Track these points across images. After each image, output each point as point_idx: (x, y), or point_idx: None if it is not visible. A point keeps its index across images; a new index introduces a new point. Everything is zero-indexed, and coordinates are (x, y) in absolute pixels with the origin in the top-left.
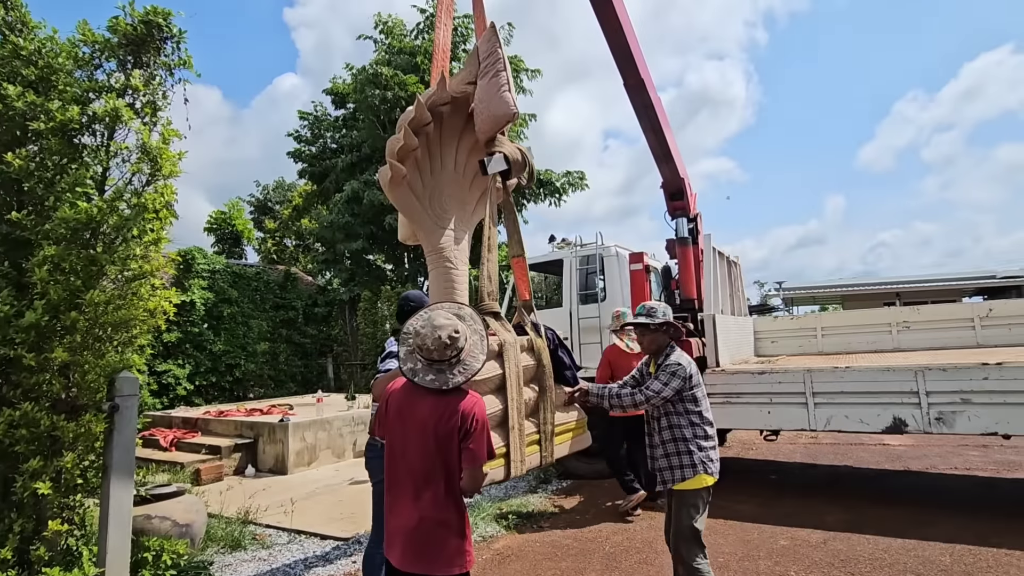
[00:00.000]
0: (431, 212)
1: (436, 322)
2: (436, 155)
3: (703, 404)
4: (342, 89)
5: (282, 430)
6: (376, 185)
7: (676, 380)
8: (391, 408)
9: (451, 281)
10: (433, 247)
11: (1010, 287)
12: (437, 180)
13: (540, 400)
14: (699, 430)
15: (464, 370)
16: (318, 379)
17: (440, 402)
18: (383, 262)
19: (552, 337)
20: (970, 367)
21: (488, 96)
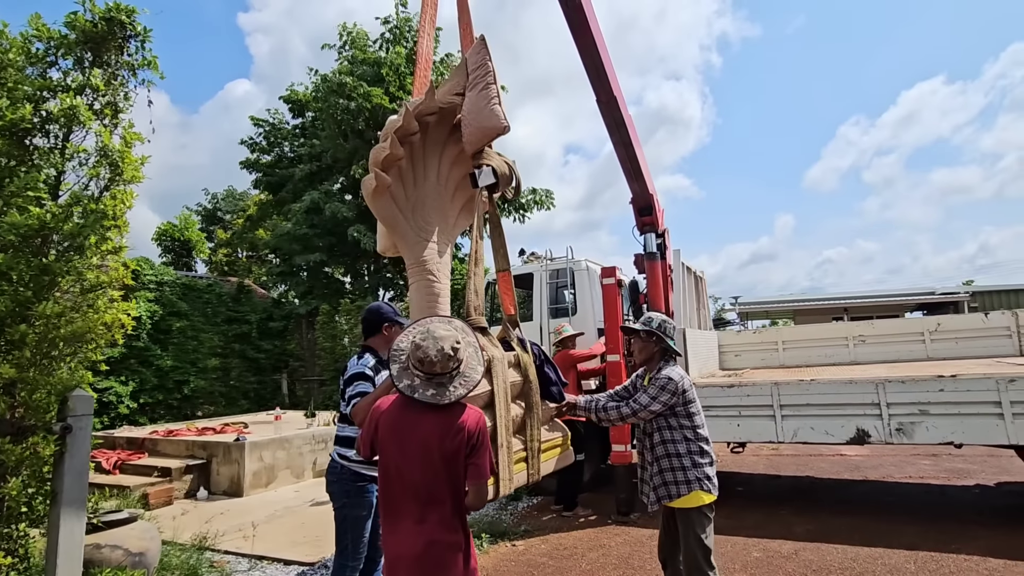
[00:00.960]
0: (413, 224)
1: (437, 334)
2: (420, 166)
3: (698, 420)
4: (301, 97)
5: (238, 450)
6: (336, 196)
7: (665, 394)
8: (383, 428)
9: (433, 294)
10: (415, 259)
11: (947, 303)
12: (420, 191)
13: (527, 417)
14: (693, 446)
15: (465, 382)
16: (272, 396)
17: (442, 418)
18: (342, 274)
19: (538, 352)
20: (927, 379)
21: (478, 108)
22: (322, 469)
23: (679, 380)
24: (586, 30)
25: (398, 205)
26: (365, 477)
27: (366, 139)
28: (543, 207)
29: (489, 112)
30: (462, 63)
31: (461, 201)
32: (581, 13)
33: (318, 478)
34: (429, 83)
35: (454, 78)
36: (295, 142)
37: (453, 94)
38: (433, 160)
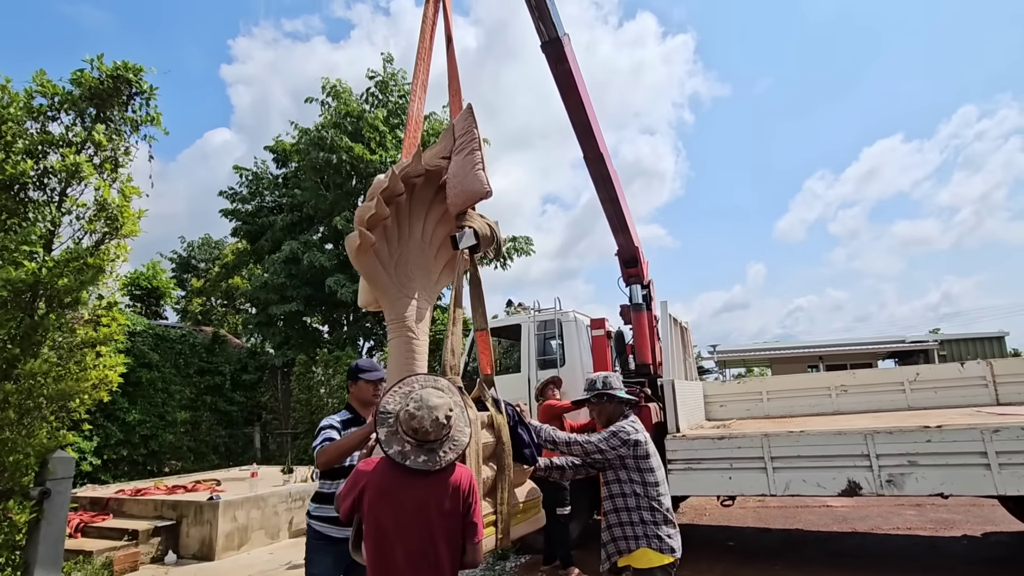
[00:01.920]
0: (396, 280)
1: (431, 403)
2: (404, 224)
3: (650, 477)
4: (286, 147)
5: (211, 509)
6: (316, 246)
7: (616, 440)
8: (372, 491)
9: (412, 351)
10: (397, 315)
11: (918, 351)
12: (404, 249)
13: (498, 479)
14: (643, 502)
15: (454, 446)
16: (243, 450)
17: (436, 480)
18: (320, 324)
19: (512, 413)
20: (913, 430)
21: (463, 172)
22: (299, 529)
23: (631, 431)
24: (574, 92)
25: (381, 262)
26: (323, 536)
27: (347, 191)
28: (523, 253)
29: (473, 177)
30: (449, 128)
31: (444, 259)
32: (570, 77)
33: (294, 538)
34: (418, 146)
35: (441, 142)
36: (277, 191)
37: (440, 157)
38: (418, 219)
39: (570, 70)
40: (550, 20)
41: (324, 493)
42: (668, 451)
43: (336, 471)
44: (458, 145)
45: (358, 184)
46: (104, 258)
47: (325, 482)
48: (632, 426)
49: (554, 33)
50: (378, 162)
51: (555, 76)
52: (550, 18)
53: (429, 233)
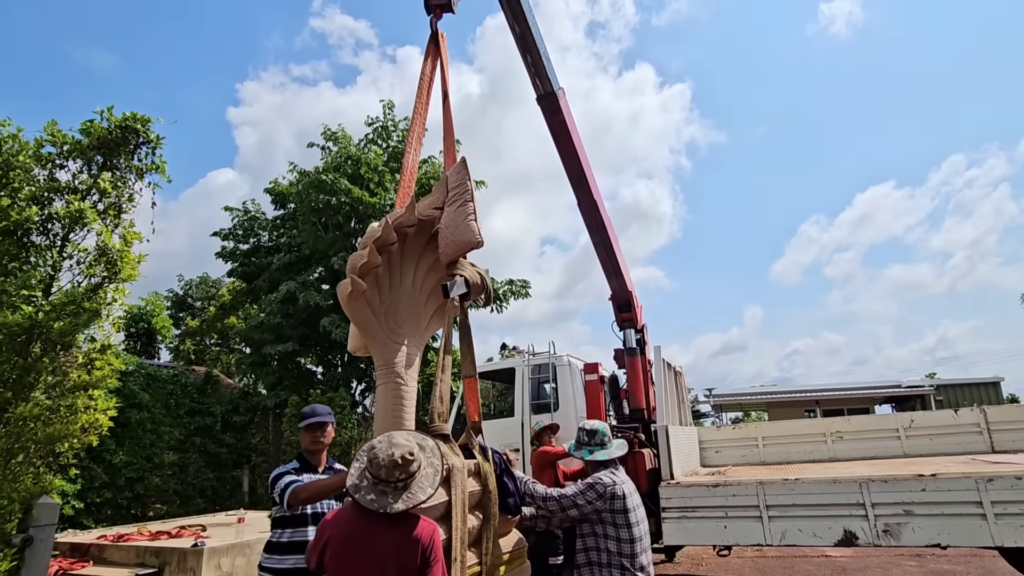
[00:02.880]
0: (386, 327)
1: (394, 440)
2: (396, 272)
3: (624, 533)
4: (284, 190)
5: (195, 556)
6: (313, 286)
7: (592, 492)
8: (334, 540)
9: (400, 397)
10: (386, 362)
11: (914, 396)
12: (395, 296)
13: (484, 529)
14: (615, 559)
15: (408, 499)
16: (231, 494)
17: (396, 530)
18: (314, 365)
19: (499, 461)
20: (908, 479)
21: (456, 223)
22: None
23: (610, 484)
24: (569, 142)
25: (372, 309)
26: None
27: (345, 232)
28: (520, 296)
29: (465, 227)
30: (443, 180)
31: (433, 306)
32: (565, 128)
33: None
34: (411, 196)
35: (435, 193)
36: (275, 232)
37: (433, 208)
38: (409, 267)
39: (564, 121)
40: (545, 75)
41: (275, 543)
42: (662, 498)
43: (288, 519)
44: (451, 196)
45: (356, 225)
46: (101, 302)
47: (277, 531)
48: (611, 477)
49: (549, 87)
50: (377, 204)
51: (550, 127)
52: (546, 73)
53: (420, 281)
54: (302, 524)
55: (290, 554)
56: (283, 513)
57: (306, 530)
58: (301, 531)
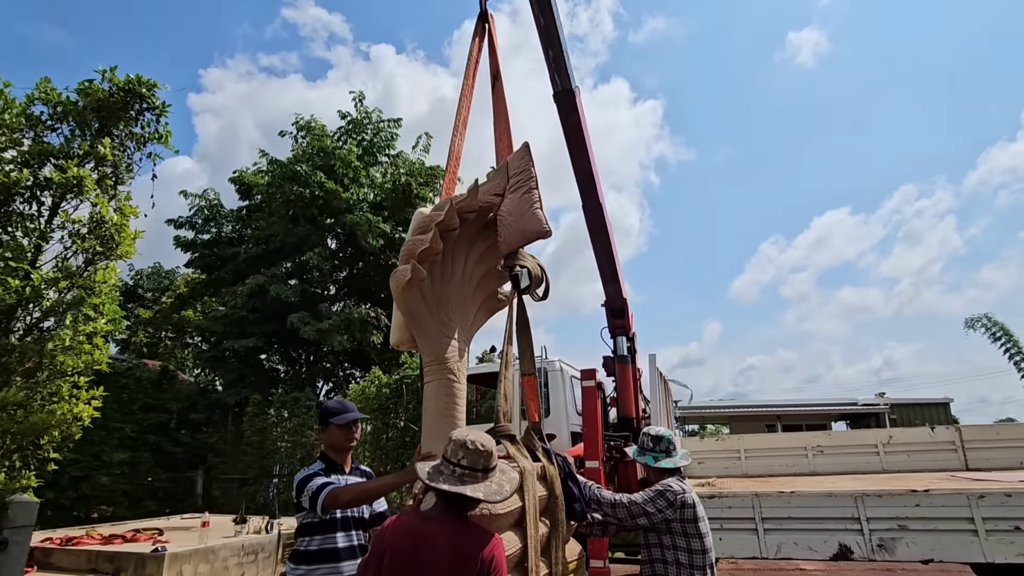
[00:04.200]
0: (437, 319)
1: (474, 432)
2: (448, 262)
3: (696, 544)
4: (250, 180)
5: (155, 563)
6: (281, 280)
7: (661, 500)
8: (392, 552)
9: (453, 395)
10: (437, 356)
11: (869, 414)
12: (446, 287)
13: (552, 536)
14: (684, 571)
15: (488, 491)
16: (184, 496)
17: (456, 545)
18: (278, 363)
19: (562, 464)
20: (902, 494)
21: (520, 211)
22: None
23: (680, 492)
24: (582, 142)
25: (424, 299)
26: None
27: (318, 225)
28: None
29: (532, 216)
30: (503, 165)
31: (480, 299)
32: (579, 127)
33: None
34: (475, 181)
35: (495, 179)
36: (239, 223)
37: (492, 194)
38: (460, 257)
39: (579, 120)
40: (565, 71)
41: (303, 551)
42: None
43: (317, 525)
44: (513, 183)
45: (328, 220)
46: (94, 279)
47: (304, 539)
48: (680, 485)
49: (568, 84)
50: (351, 199)
51: (564, 126)
52: (566, 69)
53: (469, 271)
54: (331, 530)
55: (320, 563)
56: (311, 519)
57: (335, 536)
58: (331, 538)
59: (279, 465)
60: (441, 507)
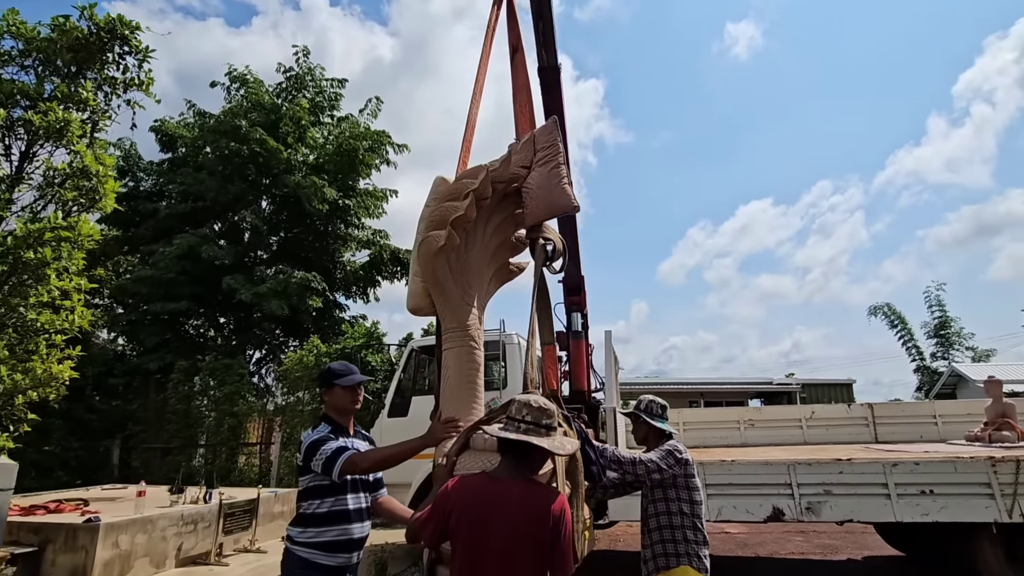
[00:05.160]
0: (459, 287)
1: (539, 396)
2: (471, 230)
3: (696, 496)
4: (174, 131)
5: (88, 533)
6: (213, 240)
7: (671, 459)
8: (460, 512)
9: (474, 363)
10: (459, 324)
11: (782, 392)
12: (468, 256)
13: (574, 496)
14: (687, 520)
15: (555, 444)
16: (100, 466)
17: (526, 503)
18: (205, 328)
19: (579, 430)
20: (828, 462)
21: (549, 185)
22: (188, 556)
23: (683, 452)
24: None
25: (449, 267)
26: (312, 565)
27: (254, 185)
28: None
29: (561, 191)
30: (530, 138)
31: (494, 269)
32: (560, 104)
33: (181, 566)
34: (509, 150)
35: (521, 151)
36: (161, 177)
37: (519, 166)
38: (480, 227)
39: (560, 97)
40: (553, 46)
41: (312, 515)
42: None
43: (327, 488)
44: (541, 157)
45: (267, 180)
46: (79, 233)
47: (313, 502)
48: (682, 446)
49: (555, 61)
50: (294, 160)
51: (545, 101)
52: (553, 45)
53: (486, 242)
54: (342, 492)
55: (332, 525)
56: (321, 482)
57: (346, 498)
58: (342, 500)
59: (207, 435)
60: (508, 466)
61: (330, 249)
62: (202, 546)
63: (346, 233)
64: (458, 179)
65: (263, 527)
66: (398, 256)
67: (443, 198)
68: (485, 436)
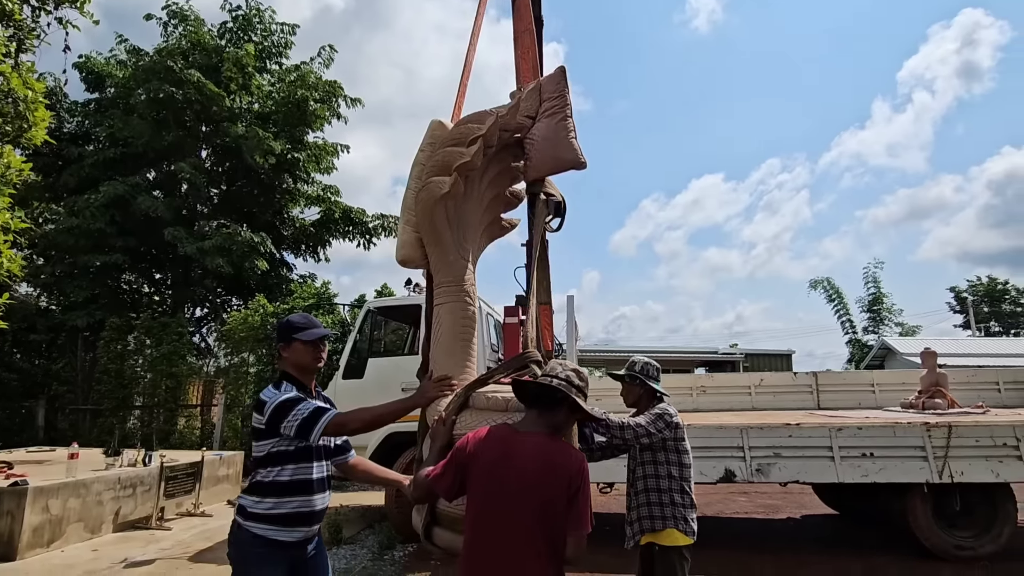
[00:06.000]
0: (455, 239)
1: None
2: (469, 180)
3: (686, 459)
4: (101, 68)
5: (13, 498)
6: (146, 190)
7: (661, 422)
8: (481, 458)
9: (468, 318)
10: (455, 278)
11: (726, 361)
12: (464, 207)
13: None
14: (675, 484)
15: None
16: (21, 428)
17: (545, 455)
18: (140, 285)
19: None
20: (778, 427)
21: (556, 138)
22: (126, 522)
23: (674, 415)
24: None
25: (447, 216)
26: (270, 543)
27: (192, 133)
28: (392, 234)
29: (567, 145)
30: (536, 87)
31: (485, 223)
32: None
33: (120, 531)
34: (518, 97)
35: (527, 101)
36: (86, 119)
37: (524, 116)
38: (476, 178)
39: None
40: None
41: (270, 483)
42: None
43: (291, 454)
44: (547, 108)
45: (206, 128)
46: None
47: (272, 469)
48: (673, 409)
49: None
50: (237, 108)
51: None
52: None
53: (481, 194)
54: (307, 459)
55: (292, 495)
56: (284, 447)
57: (310, 466)
58: (305, 468)
59: (143, 397)
60: (533, 420)
61: (277, 205)
62: (142, 510)
63: (294, 188)
64: (462, 123)
65: (207, 491)
66: (349, 214)
67: (446, 142)
68: (495, 395)
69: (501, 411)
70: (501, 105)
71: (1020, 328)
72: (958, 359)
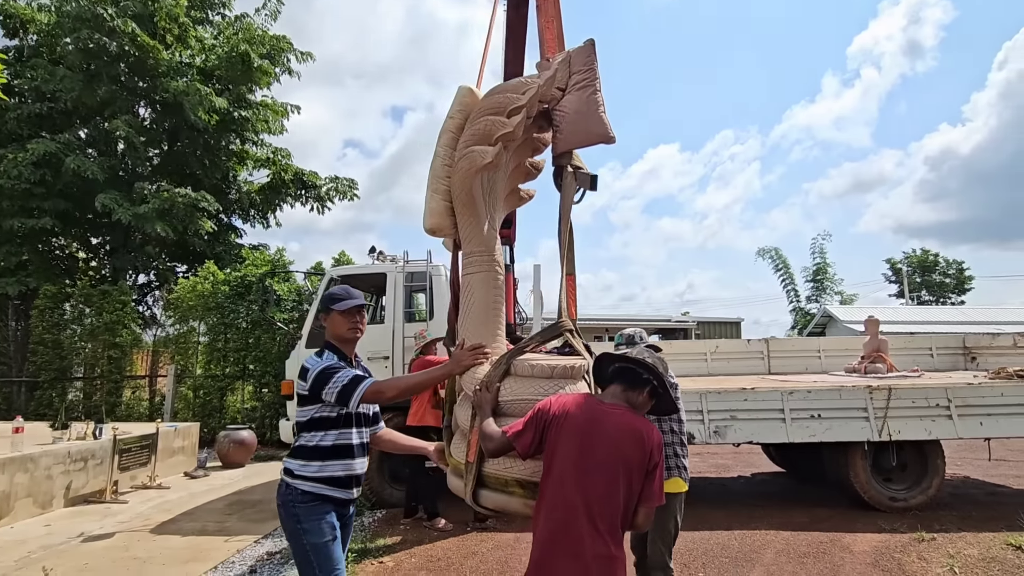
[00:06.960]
0: (487, 209)
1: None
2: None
3: (682, 416)
4: (21, 12)
5: None
6: (79, 149)
7: (676, 391)
8: (565, 422)
9: (499, 288)
10: (487, 248)
11: (679, 328)
12: (495, 177)
13: None
14: (676, 437)
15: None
16: None
17: (632, 428)
18: (74, 250)
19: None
20: (735, 391)
21: (587, 111)
22: (78, 496)
23: (673, 376)
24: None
25: (483, 187)
26: (318, 497)
27: (127, 88)
28: (345, 197)
29: (598, 119)
30: (566, 58)
31: (506, 192)
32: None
33: (73, 506)
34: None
35: (557, 72)
36: (7, 69)
37: (554, 87)
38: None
39: (526, 16)
40: None
41: (315, 447)
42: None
43: (333, 420)
44: (577, 81)
45: (142, 83)
46: None
47: (315, 433)
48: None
49: None
50: (172, 61)
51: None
52: None
53: (507, 163)
54: (347, 425)
55: (335, 459)
56: (326, 413)
57: (350, 432)
58: (346, 433)
59: (84, 368)
60: (616, 394)
61: (223, 167)
62: (94, 484)
63: (241, 150)
64: (499, 91)
65: (163, 463)
66: (302, 177)
67: (485, 111)
68: (540, 363)
69: (547, 378)
70: (531, 75)
71: (948, 297)
72: (894, 326)
